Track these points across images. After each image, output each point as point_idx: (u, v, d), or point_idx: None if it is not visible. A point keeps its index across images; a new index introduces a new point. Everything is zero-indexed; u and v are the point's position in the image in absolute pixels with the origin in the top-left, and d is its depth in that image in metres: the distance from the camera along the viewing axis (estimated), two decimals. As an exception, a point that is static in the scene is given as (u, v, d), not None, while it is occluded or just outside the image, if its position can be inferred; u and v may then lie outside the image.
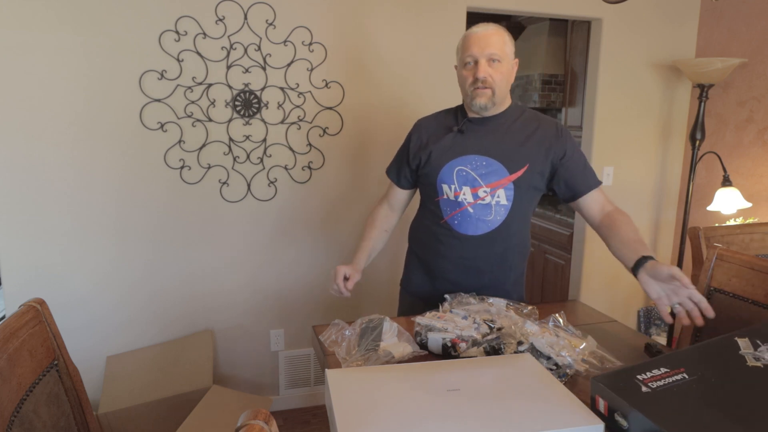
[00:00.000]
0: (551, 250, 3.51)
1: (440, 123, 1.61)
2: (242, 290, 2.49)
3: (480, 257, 1.57)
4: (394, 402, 0.96)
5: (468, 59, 1.47)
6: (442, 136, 1.57)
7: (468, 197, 1.52)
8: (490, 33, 1.46)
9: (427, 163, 1.57)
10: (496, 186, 1.51)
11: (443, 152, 1.55)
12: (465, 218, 1.54)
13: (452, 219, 1.55)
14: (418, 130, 1.64)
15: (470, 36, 1.48)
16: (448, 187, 1.54)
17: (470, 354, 1.21)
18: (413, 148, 1.62)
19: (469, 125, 1.55)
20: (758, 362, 1.00)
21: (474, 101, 1.49)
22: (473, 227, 1.54)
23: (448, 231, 1.56)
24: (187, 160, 2.31)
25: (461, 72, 1.52)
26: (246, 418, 0.63)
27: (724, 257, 1.48)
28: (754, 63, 2.73)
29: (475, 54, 1.46)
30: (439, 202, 1.56)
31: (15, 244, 2.16)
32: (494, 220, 1.53)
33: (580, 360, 1.17)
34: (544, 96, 3.75)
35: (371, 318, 1.35)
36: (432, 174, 1.56)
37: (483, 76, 1.46)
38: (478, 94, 1.48)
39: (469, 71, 1.49)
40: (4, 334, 1.00)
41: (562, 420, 0.90)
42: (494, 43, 1.46)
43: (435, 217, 1.59)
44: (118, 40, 2.14)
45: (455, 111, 1.63)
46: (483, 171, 1.51)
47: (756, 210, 2.76)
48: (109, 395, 2.11)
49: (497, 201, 1.52)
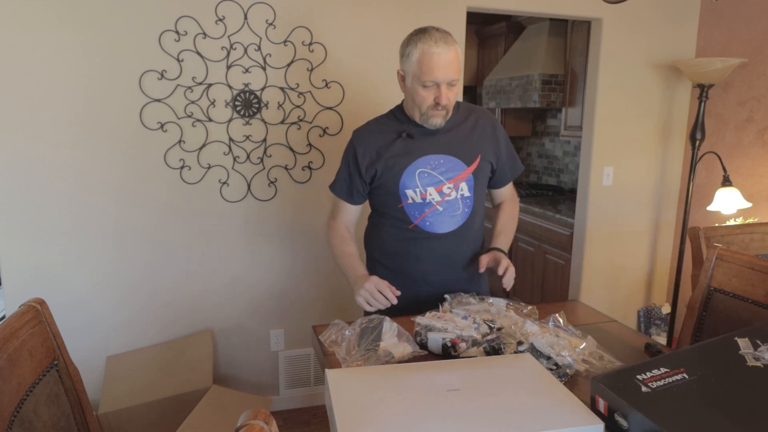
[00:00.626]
0: (551, 250, 3.51)
1: (384, 130, 1.58)
2: (242, 290, 2.49)
3: (457, 251, 1.61)
4: (394, 402, 0.96)
5: (428, 83, 1.43)
6: (391, 143, 1.54)
7: (435, 196, 1.54)
8: (452, 57, 1.42)
9: (384, 173, 1.54)
10: (458, 180, 1.55)
11: (399, 159, 1.53)
12: (436, 217, 1.55)
13: (423, 221, 1.56)
14: (362, 142, 1.58)
15: (433, 57, 1.40)
16: (412, 191, 1.53)
17: (470, 354, 1.21)
18: (363, 162, 1.56)
19: (415, 129, 1.55)
20: (758, 362, 1.00)
21: (430, 120, 1.49)
22: (445, 224, 1.56)
23: (420, 234, 1.56)
24: (187, 160, 2.31)
25: (418, 90, 1.45)
26: (246, 418, 0.63)
27: (724, 257, 1.48)
28: (754, 63, 2.73)
29: (439, 79, 1.42)
30: (404, 208, 1.55)
31: (15, 244, 2.16)
32: (462, 213, 1.58)
33: (580, 360, 1.17)
34: (544, 96, 3.75)
35: (371, 318, 1.35)
36: (392, 182, 1.54)
37: (446, 102, 1.46)
38: (436, 115, 1.48)
39: (428, 93, 1.45)
40: (4, 334, 0.99)
41: (562, 420, 0.90)
42: (455, 67, 1.44)
43: (401, 223, 1.57)
44: (118, 40, 2.14)
45: (395, 115, 1.60)
46: (443, 169, 1.53)
47: (756, 210, 2.76)
48: (109, 395, 2.11)
49: (461, 194, 1.56)
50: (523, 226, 3.87)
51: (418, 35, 1.43)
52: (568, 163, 4.32)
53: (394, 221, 1.59)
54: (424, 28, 1.45)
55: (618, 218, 3.06)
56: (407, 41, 1.46)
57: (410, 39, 1.45)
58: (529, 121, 4.70)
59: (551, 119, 4.47)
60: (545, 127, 4.56)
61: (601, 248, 3.07)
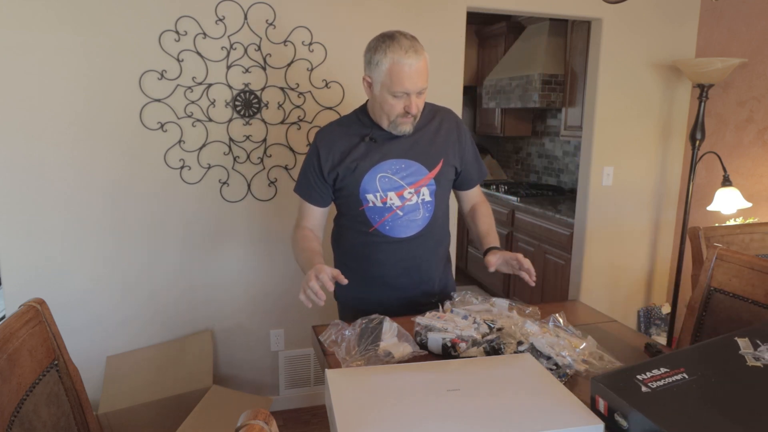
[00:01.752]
0: (551, 250, 3.51)
1: (346, 133, 1.55)
2: (242, 290, 2.49)
3: (417, 256, 1.59)
4: (394, 402, 0.96)
5: (398, 93, 1.41)
6: (354, 146, 1.52)
7: (395, 201, 1.52)
8: (422, 66, 1.40)
9: (346, 176, 1.52)
10: (419, 185, 1.53)
11: (360, 162, 1.51)
12: (396, 222, 1.53)
13: (383, 225, 1.54)
14: (325, 143, 1.55)
15: (403, 68, 1.37)
16: (373, 195, 1.52)
17: (470, 354, 1.21)
18: (326, 164, 1.53)
19: (379, 133, 1.53)
20: (758, 362, 1.00)
21: (399, 128, 1.48)
22: (405, 229, 1.55)
23: (380, 238, 1.55)
24: (187, 160, 2.31)
25: (386, 98, 1.43)
26: (246, 418, 0.63)
27: (724, 257, 1.48)
28: (754, 63, 2.73)
29: (409, 90, 1.40)
30: (365, 211, 1.54)
31: (15, 244, 2.16)
32: (423, 217, 1.56)
33: (580, 360, 1.17)
34: (544, 96, 3.75)
35: (371, 318, 1.35)
36: (353, 185, 1.52)
37: (416, 111, 1.45)
38: (404, 123, 1.47)
39: (398, 102, 1.43)
40: (4, 334, 1.00)
41: (562, 420, 0.90)
42: (425, 76, 1.42)
43: (362, 226, 1.56)
44: (118, 40, 2.14)
45: (357, 117, 1.57)
46: (404, 174, 1.52)
47: (756, 210, 2.76)
48: (109, 395, 2.11)
49: (422, 199, 1.55)
50: (523, 226, 3.87)
51: (386, 42, 1.39)
52: (568, 163, 4.32)
53: (356, 224, 1.57)
54: (391, 34, 1.41)
55: (618, 218, 3.06)
56: (374, 48, 1.41)
57: (377, 46, 1.41)
58: (529, 121, 4.70)
59: (551, 119, 4.47)
60: (545, 127, 4.56)
61: (601, 248, 3.07)
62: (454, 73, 2.61)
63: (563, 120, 3.81)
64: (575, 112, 3.65)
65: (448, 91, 2.60)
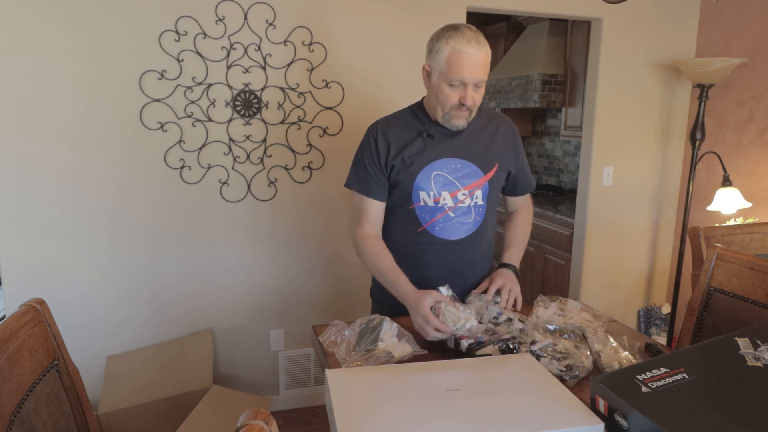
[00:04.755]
0: (551, 250, 3.51)
1: (403, 127, 1.52)
2: (242, 290, 2.49)
3: (464, 260, 1.56)
4: (394, 402, 0.96)
5: (456, 82, 1.39)
6: (411, 141, 1.49)
7: (448, 202, 1.50)
8: (483, 59, 1.38)
9: (401, 171, 1.48)
10: (473, 187, 1.51)
11: (417, 158, 1.48)
12: (446, 223, 1.51)
13: (432, 226, 1.51)
14: (382, 134, 1.51)
15: (464, 57, 1.36)
16: (426, 193, 1.48)
17: (486, 352, 1.22)
18: (383, 154, 1.50)
19: (436, 129, 1.50)
20: (758, 362, 1.00)
21: (452, 121, 1.45)
22: (455, 232, 1.52)
23: (428, 238, 1.52)
24: (187, 160, 2.31)
25: (443, 88, 1.41)
26: (246, 418, 0.63)
27: (724, 257, 1.48)
28: (754, 63, 2.73)
29: (467, 80, 1.38)
30: (415, 210, 1.50)
31: (15, 244, 2.16)
32: (474, 221, 1.53)
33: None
34: (544, 96, 3.75)
35: (371, 318, 1.35)
36: (407, 181, 1.49)
37: (471, 104, 1.42)
38: (459, 116, 1.44)
39: (454, 93, 1.41)
40: (4, 334, 0.99)
41: (562, 420, 0.90)
42: (485, 69, 1.40)
43: (410, 225, 1.52)
44: (118, 40, 2.14)
45: (414, 112, 1.54)
46: (459, 174, 1.49)
47: (756, 210, 2.76)
48: (109, 395, 2.11)
49: (475, 202, 1.52)
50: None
51: (450, 32, 1.38)
52: (568, 163, 4.32)
53: (403, 223, 1.54)
54: (456, 25, 1.40)
55: (618, 218, 3.06)
56: (437, 36, 1.41)
57: (441, 35, 1.40)
58: (529, 121, 4.70)
59: (551, 119, 4.47)
60: (545, 127, 4.56)
61: (601, 248, 3.07)
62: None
63: (563, 120, 3.81)
64: (575, 112, 3.65)
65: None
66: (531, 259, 3.75)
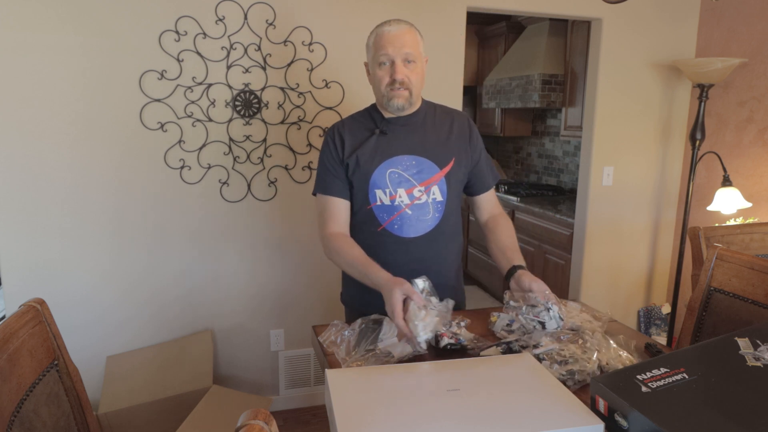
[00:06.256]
0: (551, 250, 3.51)
1: (357, 126, 1.54)
2: (242, 290, 2.49)
3: (426, 257, 1.54)
4: (394, 402, 0.96)
5: (383, 59, 1.42)
6: (365, 140, 1.50)
7: (405, 199, 1.49)
8: (404, 31, 1.42)
9: (356, 170, 1.49)
10: (429, 183, 1.50)
11: (370, 156, 1.48)
12: (405, 221, 1.50)
13: (391, 224, 1.50)
14: (337, 134, 1.53)
15: (384, 34, 1.42)
16: (382, 191, 1.48)
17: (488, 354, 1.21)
18: (339, 152, 1.51)
19: (389, 126, 1.51)
20: (758, 362, 1.00)
21: (391, 102, 1.45)
22: (414, 229, 1.51)
23: (389, 237, 1.51)
24: (187, 160, 2.31)
25: (375, 71, 1.45)
26: (246, 418, 0.63)
27: (724, 257, 1.48)
28: (754, 63, 2.73)
29: (391, 54, 1.41)
30: (373, 210, 1.50)
31: (15, 244, 2.16)
32: (433, 217, 1.52)
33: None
34: (544, 96, 3.75)
35: (371, 318, 1.35)
36: (363, 179, 1.49)
37: (401, 77, 1.42)
38: (396, 95, 1.44)
39: (384, 71, 1.44)
40: (4, 334, 0.99)
41: (562, 420, 0.90)
42: (409, 42, 1.42)
43: (370, 226, 1.51)
44: (118, 40, 2.14)
45: (368, 112, 1.56)
46: (414, 170, 1.49)
47: (756, 210, 2.76)
48: (109, 395, 2.11)
49: (433, 198, 1.51)
50: (523, 226, 3.87)
51: (377, 26, 1.47)
52: (568, 163, 4.32)
53: (364, 224, 1.53)
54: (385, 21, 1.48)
55: (618, 218, 3.06)
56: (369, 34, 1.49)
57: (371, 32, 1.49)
58: (529, 121, 4.70)
59: (551, 119, 4.47)
60: (545, 127, 4.56)
61: (601, 248, 3.07)
62: (454, 73, 2.61)
63: (563, 120, 3.81)
64: (575, 112, 3.65)
65: (448, 91, 2.61)
66: (531, 259, 3.75)
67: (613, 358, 1.18)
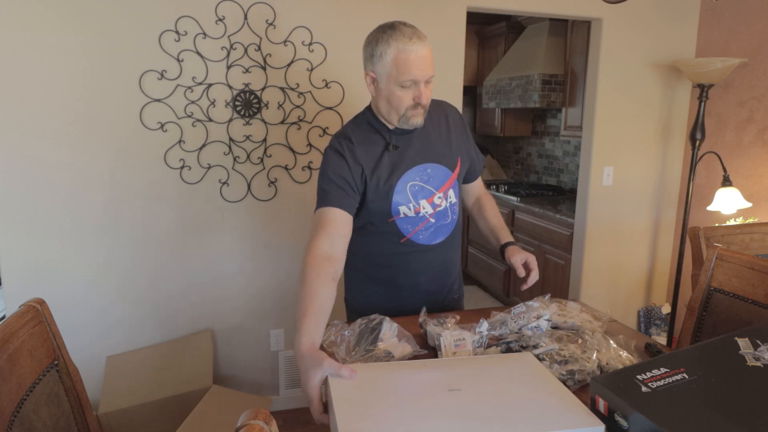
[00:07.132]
0: (551, 250, 3.51)
1: (366, 140, 1.45)
2: (242, 290, 2.49)
3: (446, 260, 1.58)
4: (394, 401, 0.96)
5: (408, 83, 1.33)
6: (379, 156, 1.44)
7: (428, 209, 1.48)
8: (428, 53, 1.33)
9: (377, 188, 1.43)
10: (446, 188, 1.51)
11: (388, 173, 1.43)
12: (429, 230, 1.50)
13: (416, 235, 1.49)
14: (347, 150, 1.42)
15: (410, 56, 1.30)
16: (406, 207, 1.46)
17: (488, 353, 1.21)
18: (355, 171, 1.41)
19: (396, 137, 1.46)
20: (758, 362, 1.00)
21: (410, 120, 1.40)
22: (437, 235, 1.52)
23: (413, 247, 1.50)
24: (187, 160, 2.31)
25: (395, 91, 1.35)
26: (246, 418, 0.63)
27: (724, 257, 1.48)
28: (754, 63, 2.73)
29: (418, 77, 1.33)
30: (396, 222, 1.47)
31: (15, 244, 2.16)
32: (452, 220, 1.55)
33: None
34: (544, 96, 3.75)
35: (371, 318, 1.34)
36: (384, 199, 1.44)
37: (426, 102, 1.38)
38: (416, 115, 1.39)
39: (406, 93, 1.35)
40: (4, 334, 1.00)
41: (562, 421, 0.90)
42: (431, 63, 1.35)
43: (392, 237, 1.49)
44: (118, 40, 2.14)
45: (371, 124, 1.47)
46: (431, 178, 1.48)
47: (756, 210, 2.76)
48: (109, 395, 2.11)
49: (450, 201, 1.53)
50: (523, 226, 3.87)
51: (388, 32, 1.32)
52: (568, 163, 4.32)
53: (384, 235, 1.50)
54: (392, 24, 1.34)
55: (618, 218, 3.06)
56: (376, 40, 1.34)
57: (379, 37, 1.33)
58: (529, 121, 4.70)
59: (551, 119, 4.47)
60: (545, 127, 4.56)
61: (601, 248, 3.07)
62: (454, 73, 2.61)
63: (563, 120, 3.81)
64: (575, 112, 3.65)
65: (448, 90, 2.61)
66: (531, 259, 3.74)
67: (613, 358, 1.17)
